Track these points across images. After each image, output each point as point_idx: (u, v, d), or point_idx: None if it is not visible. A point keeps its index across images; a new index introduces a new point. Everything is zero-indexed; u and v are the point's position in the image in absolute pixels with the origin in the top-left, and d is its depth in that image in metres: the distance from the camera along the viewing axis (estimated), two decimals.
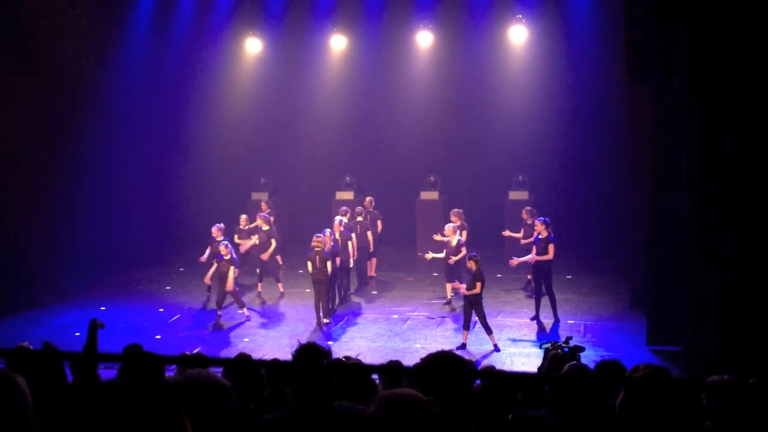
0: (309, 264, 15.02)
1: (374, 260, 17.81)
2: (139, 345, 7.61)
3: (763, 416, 4.70)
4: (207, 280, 16.07)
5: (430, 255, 15.71)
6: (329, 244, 15.28)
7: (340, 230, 16.16)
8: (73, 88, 17.13)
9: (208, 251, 16.29)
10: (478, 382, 6.16)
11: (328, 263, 14.92)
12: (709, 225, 11.27)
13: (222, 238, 15.84)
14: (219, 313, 15.29)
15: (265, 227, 16.76)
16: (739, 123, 10.95)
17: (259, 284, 17.01)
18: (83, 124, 17.44)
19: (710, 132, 11.16)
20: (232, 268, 15.09)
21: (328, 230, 15.61)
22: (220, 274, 15.19)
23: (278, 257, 17.19)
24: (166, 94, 19.64)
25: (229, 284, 15.11)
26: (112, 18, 18.36)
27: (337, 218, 16.51)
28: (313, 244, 15.00)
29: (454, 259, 15.41)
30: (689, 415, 4.00)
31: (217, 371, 4.99)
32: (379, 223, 17.87)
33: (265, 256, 16.68)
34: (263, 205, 18.09)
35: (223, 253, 15.13)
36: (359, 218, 17.24)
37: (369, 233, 17.23)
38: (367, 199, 18.13)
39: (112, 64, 18.20)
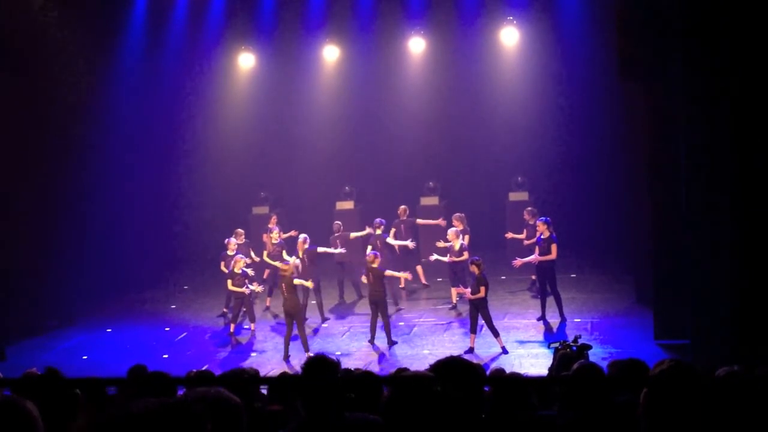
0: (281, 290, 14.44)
1: (419, 267, 17.15)
2: (144, 366, 7.56)
3: None
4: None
5: (434, 257, 15.71)
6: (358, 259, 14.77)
7: (305, 248, 15.86)
8: (70, 110, 17.16)
9: (222, 264, 16.28)
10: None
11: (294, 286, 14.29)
12: (709, 216, 11.27)
13: (234, 251, 15.87)
14: (232, 329, 15.27)
15: (275, 239, 16.68)
16: (732, 114, 10.96)
17: (268, 298, 17.02)
18: (82, 148, 17.48)
19: (705, 124, 11.18)
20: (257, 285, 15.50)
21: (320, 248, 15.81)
22: (238, 292, 15.17)
23: None
24: (162, 114, 19.69)
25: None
26: (105, 39, 18.39)
27: (302, 236, 16.06)
28: (281, 270, 14.46)
29: (453, 259, 15.39)
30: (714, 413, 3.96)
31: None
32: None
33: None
34: (273, 219, 17.96)
35: (245, 268, 15.27)
36: (378, 231, 16.66)
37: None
38: (401, 207, 17.58)
39: (106, 86, 18.24)
